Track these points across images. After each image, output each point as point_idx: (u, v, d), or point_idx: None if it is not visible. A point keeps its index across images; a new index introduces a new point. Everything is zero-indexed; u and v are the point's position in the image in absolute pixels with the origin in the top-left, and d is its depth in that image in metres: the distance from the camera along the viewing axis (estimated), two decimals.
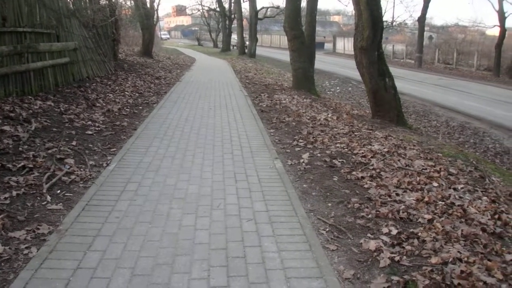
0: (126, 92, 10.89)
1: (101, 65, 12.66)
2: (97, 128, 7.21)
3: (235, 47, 45.21)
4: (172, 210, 4.26)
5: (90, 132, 6.92)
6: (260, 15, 38.95)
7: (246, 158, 6.15)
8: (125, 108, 9.14)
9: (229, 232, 3.84)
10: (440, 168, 6.29)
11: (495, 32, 37.49)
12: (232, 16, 44.11)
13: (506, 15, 32.02)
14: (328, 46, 59.88)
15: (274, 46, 62.16)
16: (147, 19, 22.72)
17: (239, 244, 3.62)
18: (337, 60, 41.69)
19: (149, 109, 9.54)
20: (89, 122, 7.44)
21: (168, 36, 67.75)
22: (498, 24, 32.78)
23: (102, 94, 9.98)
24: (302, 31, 14.63)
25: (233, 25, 45.65)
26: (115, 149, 6.33)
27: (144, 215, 4.12)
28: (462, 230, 4.10)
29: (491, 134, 13.90)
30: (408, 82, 24.70)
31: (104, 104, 9.06)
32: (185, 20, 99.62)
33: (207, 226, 3.93)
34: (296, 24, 14.38)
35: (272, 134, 7.73)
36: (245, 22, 42.95)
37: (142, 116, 8.74)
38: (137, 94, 11.07)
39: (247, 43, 36.98)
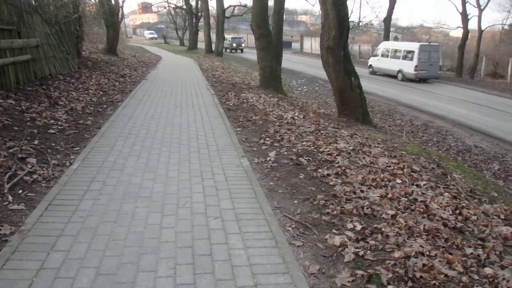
0: (90, 90, 10.69)
1: (64, 62, 12.38)
2: (60, 127, 7.06)
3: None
4: (137, 209, 4.21)
5: (52, 131, 6.77)
6: (227, 14, 38.98)
7: (213, 156, 6.14)
8: (89, 106, 8.98)
9: (196, 230, 3.83)
10: (403, 166, 6.43)
11: (458, 33, 38.56)
12: (199, 14, 43.88)
13: (469, 17, 32.92)
14: (295, 45, 60.34)
15: None
16: (111, 16, 22.36)
17: (206, 242, 3.61)
18: (304, 59, 42.05)
19: (114, 107, 9.40)
20: (52, 121, 7.28)
21: (155, 35, 63.84)
22: (461, 25, 33.68)
23: (65, 92, 9.77)
24: (269, 30, 14.68)
25: (200, 23, 45.42)
26: (78, 148, 6.21)
27: (109, 214, 4.06)
28: (424, 225, 4.21)
29: (453, 133, 14.28)
30: (374, 82, 25.13)
31: (67, 102, 8.88)
32: (151, 18, 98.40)
33: (173, 225, 3.91)
34: (263, 23, 14.43)
35: (239, 132, 7.74)
36: (212, 21, 42.79)
37: (107, 114, 8.61)
38: (101, 92, 10.89)
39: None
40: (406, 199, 5.00)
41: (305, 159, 6.17)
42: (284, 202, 4.63)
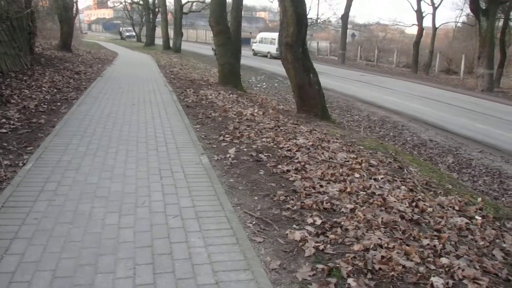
0: (43, 88, 10.36)
1: (16, 59, 11.94)
2: (12, 126, 6.82)
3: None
4: (94, 209, 4.11)
5: (4, 130, 6.53)
6: (185, 9, 38.61)
7: (172, 154, 6.07)
8: (42, 104, 8.69)
9: (155, 229, 3.77)
10: (361, 160, 6.53)
11: (414, 30, 39.63)
12: (156, 9, 43.25)
13: (424, 14, 33.84)
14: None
15: (200, 41, 61.75)
16: (65, 11, 21.70)
17: (165, 241, 3.57)
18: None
19: (68, 105, 9.13)
20: (3, 120, 7.02)
21: (133, 33, 60.34)
22: (416, 23, 34.59)
23: (17, 90, 9.43)
24: (228, 26, 14.61)
25: (157, 19, 44.77)
26: (32, 147, 6.00)
27: (65, 216, 3.94)
28: (382, 218, 4.29)
29: (409, 128, 14.62)
30: (332, 78, 25.46)
31: (19, 100, 8.58)
32: (106, 13, 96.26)
33: (131, 224, 3.84)
34: (221, 19, 14.35)
35: (198, 129, 7.67)
36: (170, 16, 42.26)
37: (61, 112, 8.35)
38: (55, 90, 10.56)
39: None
40: (364, 193, 5.08)
41: (265, 155, 6.18)
42: (245, 199, 4.63)
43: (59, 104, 9.13)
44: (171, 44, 36.41)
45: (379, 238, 3.83)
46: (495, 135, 13.99)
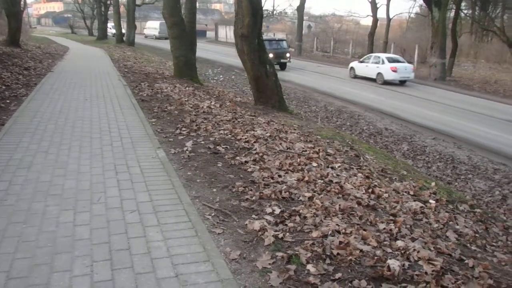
0: None
1: None
2: None
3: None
4: (48, 208, 3.98)
5: None
6: (138, 1, 37.82)
7: (127, 149, 5.95)
8: None
9: (112, 225, 3.70)
10: (319, 150, 6.62)
11: (369, 21, 40.41)
12: (108, 2, 42.16)
13: (378, 5, 34.53)
14: (210, 34, 60.01)
15: None
16: (13, 5, 20.85)
17: (123, 237, 3.51)
18: (220, 48, 41.98)
19: (18, 102, 8.80)
20: None
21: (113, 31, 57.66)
22: (371, 14, 35.23)
23: None
24: (182, 18, 14.44)
25: (109, 12, 43.65)
26: None
27: (17, 215, 3.80)
28: (339, 205, 4.38)
29: (365, 117, 14.93)
30: (289, 70, 25.64)
31: None
32: (56, 7, 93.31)
33: (87, 221, 3.75)
34: (175, 10, 14.17)
35: (154, 123, 7.55)
36: (122, 9, 41.29)
37: (10, 110, 8.04)
38: (3, 87, 10.15)
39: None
40: (322, 181, 5.16)
41: (223, 147, 6.16)
42: (203, 191, 4.60)
43: (8, 101, 8.78)
44: (124, 38, 35.64)
45: (336, 224, 3.89)
46: (447, 122, 14.47)
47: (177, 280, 2.97)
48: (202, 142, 6.43)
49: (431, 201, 5.49)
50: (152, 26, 56.21)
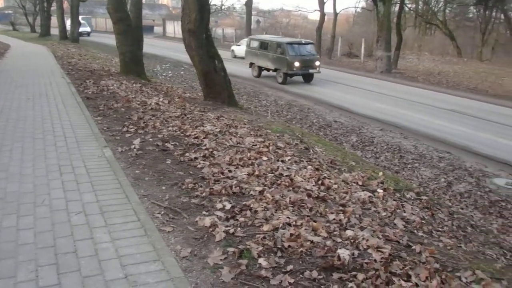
0: None
1: None
2: None
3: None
4: None
5: None
6: None
7: (72, 149, 5.77)
8: None
9: (57, 228, 3.58)
10: (269, 144, 6.64)
11: (316, 16, 40.85)
12: None
13: (325, 0, 34.83)
14: (158, 29, 59.01)
15: (100, 30, 59.01)
16: None
17: (69, 239, 3.40)
18: (168, 43, 41.36)
19: None
20: None
21: (88, 30, 53.12)
22: (318, 9, 35.60)
23: None
24: (128, 13, 14.12)
25: (52, 8, 42.12)
26: None
27: None
28: (290, 198, 4.41)
29: (315, 110, 15.12)
30: (238, 65, 25.57)
31: None
32: None
33: (31, 225, 3.62)
34: (120, 6, 13.83)
35: (99, 122, 7.34)
36: (66, 5, 39.93)
37: None
38: None
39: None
40: (272, 175, 5.17)
41: (172, 144, 6.07)
42: (152, 189, 4.52)
43: None
44: (68, 34, 34.50)
45: (287, 217, 3.92)
46: (394, 113, 14.87)
47: (127, 281, 2.91)
48: (150, 139, 6.31)
49: (379, 190, 5.62)
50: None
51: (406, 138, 12.14)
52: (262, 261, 3.21)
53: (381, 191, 5.59)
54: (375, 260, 3.34)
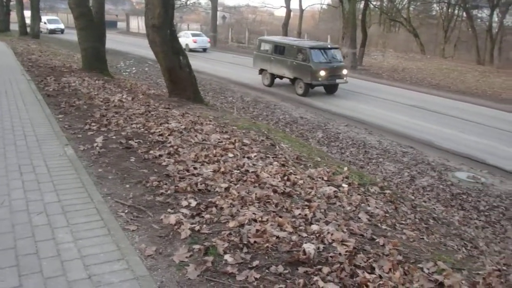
0: None
1: None
2: None
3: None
4: None
5: None
6: None
7: (32, 148, 5.61)
8: None
9: (17, 229, 3.49)
10: (235, 140, 6.64)
11: (282, 12, 41.01)
12: None
13: None
14: (121, 25, 57.96)
15: None
16: None
17: (30, 240, 3.32)
18: (132, 39, 40.67)
19: None
20: None
21: (61, 26, 49.12)
22: (284, 5, 35.78)
23: None
24: (90, 8, 13.83)
25: (12, 2, 40.81)
26: None
27: None
28: (256, 194, 4.42)
29: (281, 106, 15.20)
30: (204, 61, 25.48)
31: None
32: None
33: None
34: (82, 0, 13.52)
35: (61, 119, 7.16)
36: None
37: None
38: None
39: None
40: (238, 171, 5.18)
41: (136, 142, 5.98)
42: (115, 188, 4.45)
43: None
44: (28, 30, 33.52)
45: (253, 213, 3.93)
46: (359, 109, 15.12)
47: (90, 282, 2.87)
48: (114, 137, 6.20)
49: (344, 185, 5.70)
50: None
51: (371, 133, 12.36)
52: (228, 257, 3.21)
53: (346, 185, 5.67)
54: (339, 254, 3.39)
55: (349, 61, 24.93)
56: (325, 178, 5.83)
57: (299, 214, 4.15)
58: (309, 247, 3.38)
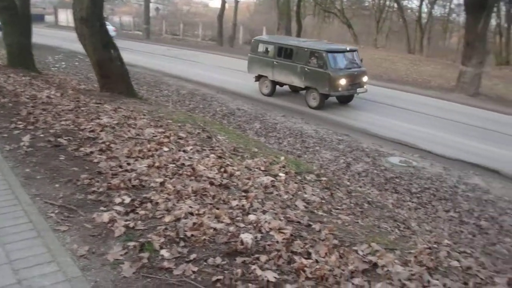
0: None
1: None
2: None
3: None
4: None
5: None
6: None
7: None
8: None
9: None
10: (170, 134, 6.55)
11: (217, 4, 40.84)
12: None
13: None
14: (49, 18, 55.50)
15: None
16: None
17: None
18: (61, 33, 38.98)
19: None
20: None
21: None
22: None
23: None
24: (13, 1, 13.09)
25: None
26: None
27: None
28: (192, 187, 4.39)
29: (218, 99, 15.14)
30: (138, 54, 24.88)
31: None
32: None
33: None
34: None
35: None
36: None
37: None
38: None
39: None
40: (173, 165, 5.11)
41: (65, 139, 5.73)
42: (44, 188, 4.25)
43: None
44: None
45: (189, 207, 3.90)
46: (296, 100, 15.32)
47: (20, 287, 2.75)
48: (42, 135, 5.90)
49: (281, 174, 5.77)
50: None
51: (307, 123, 12.60)
52: (164, 252, 3.18)
53: (283, 175, 5.74)
54: (277, 242, 3.44)
55: None
56: (262, 168, 5.88)
57: (237, 205, 4.15)
58: (247, 237, 3.40)
